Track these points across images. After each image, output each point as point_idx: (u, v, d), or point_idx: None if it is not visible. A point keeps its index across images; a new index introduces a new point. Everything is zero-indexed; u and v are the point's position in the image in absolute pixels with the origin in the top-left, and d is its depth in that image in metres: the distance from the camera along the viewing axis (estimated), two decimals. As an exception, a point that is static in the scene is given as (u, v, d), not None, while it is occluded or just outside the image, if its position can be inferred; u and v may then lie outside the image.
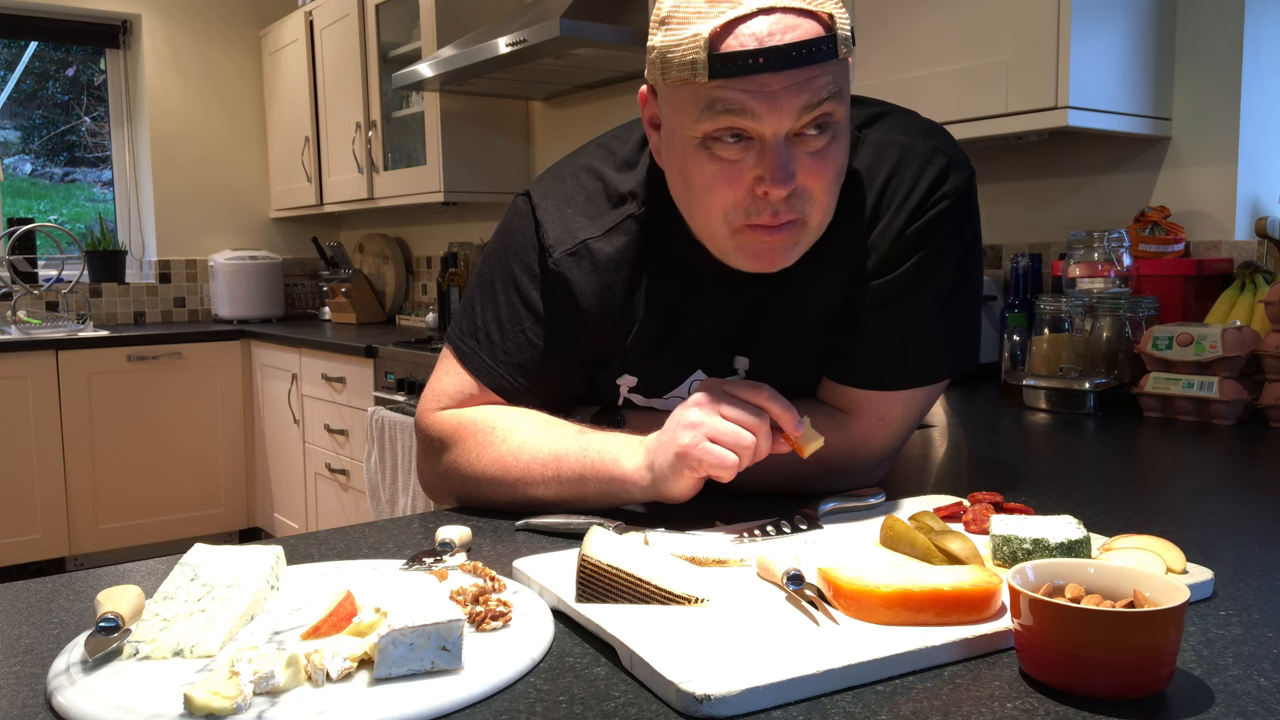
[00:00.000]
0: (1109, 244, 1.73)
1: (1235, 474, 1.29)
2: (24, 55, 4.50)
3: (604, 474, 0.97)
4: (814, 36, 0.88)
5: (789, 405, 0.91)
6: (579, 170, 1.10)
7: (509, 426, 1.04)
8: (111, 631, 0.68)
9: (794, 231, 0.94)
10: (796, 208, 0.93)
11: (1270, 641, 0.68)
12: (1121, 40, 1.83)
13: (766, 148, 0.90)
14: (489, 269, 1.11)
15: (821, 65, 0.88)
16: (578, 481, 0.98)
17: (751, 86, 0.88)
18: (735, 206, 0.93)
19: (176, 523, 3.98)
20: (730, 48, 0.87)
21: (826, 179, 0.93)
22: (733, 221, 0.94)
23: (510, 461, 1.02)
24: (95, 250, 4.35)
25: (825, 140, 0.91)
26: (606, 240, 1.06)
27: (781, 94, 0.88)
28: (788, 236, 0.94)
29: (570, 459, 0.99)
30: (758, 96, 0.88)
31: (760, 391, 0.92)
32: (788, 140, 0.90)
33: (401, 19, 3.72)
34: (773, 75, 0.87)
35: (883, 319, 1.02)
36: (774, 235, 0.94)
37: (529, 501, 1.02)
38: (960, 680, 0.63)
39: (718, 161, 0.92)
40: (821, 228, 0.97)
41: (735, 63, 0.87)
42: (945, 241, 1.01)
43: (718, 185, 0.93)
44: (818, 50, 0.87)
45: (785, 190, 0.90)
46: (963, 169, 1.02)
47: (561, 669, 0.66)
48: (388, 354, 3.10)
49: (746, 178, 0.91)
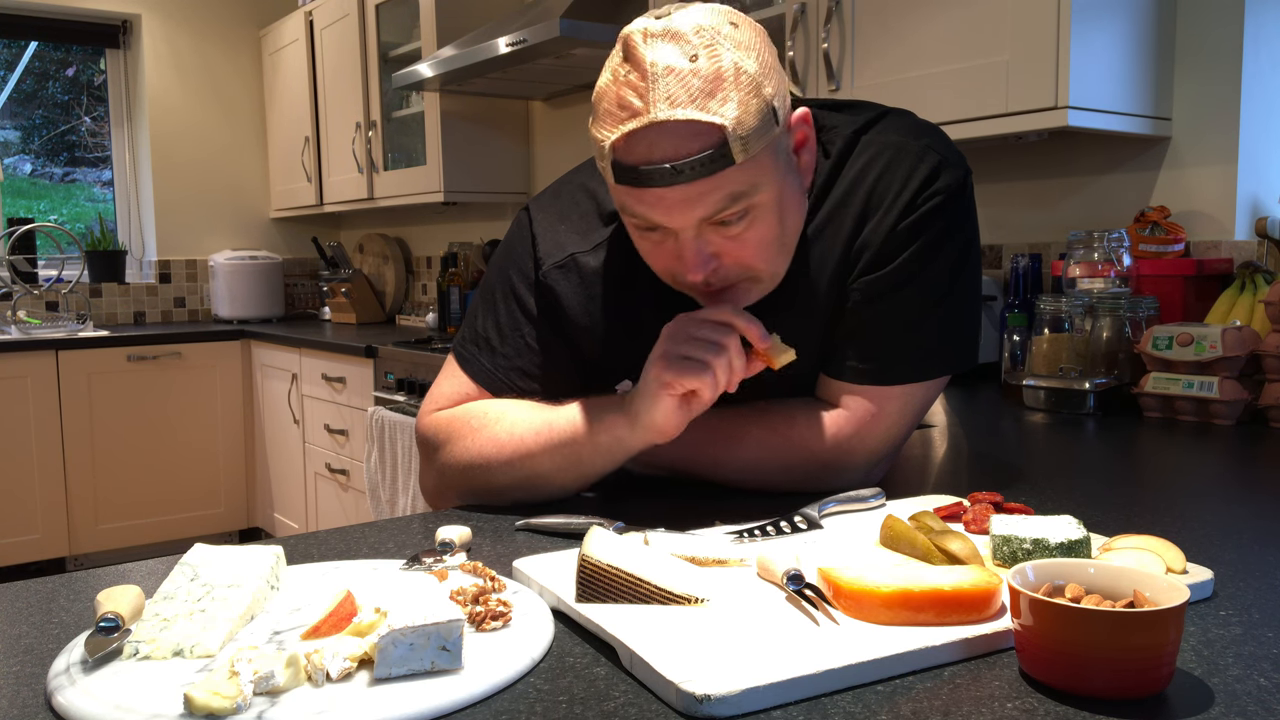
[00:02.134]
0: (1109, 244, 1.73)
1: (1235, 474, 1.29)
2: (24, 55, 4.50)
3: (592, 427, 0.99)
4: (704, 152, 0.88)
5: (753, 318, 0.94)
6: (575, 189, 1.14)
7: (500, 410, 1.07)
8: (111, 631, 0.68)
9: (743, 287, 0.99)
10: (730, 275, 0.97)
11: (1270, 641, 0.68)
12: (1121, 40, 1.83)
13: (679, 239, 0.94)
14: (491, 279, 1.16)
15: (716, 177, 0.89)
16: (570, 444, 1.00)
17: (649, 198, 0.91)
18: (670, 275, 0.99)
19: (176, 523, 3.98)
20: (626, 161, 0.90)
21: (754, 250, 0.96)
22: (678, 282, 1.00)
23: (504, 439, 1.03)
24: (95, 250, 4.35)
25: (744, 226, 0.94)
26: (594, 255, 1.09)
27: (676, 206, 0.91)
28: (735, 292, 0.99)
29: (560, 421, 1.01)
30: (654, 208, 0.92)
31: (722, 309, 0.94)
32: (699, 231, 0.93)
33: (401, 19, 3.72)
34: (666, 189, 0.90)
35: (876, 314, 1.03)
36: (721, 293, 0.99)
37: (527, 477, 1.03)
38: (960, 680, 0.63)
39: (645, 240, 0.98)
40: (776, 278, 1.01)
41: (630, 176, 0.91)
42: (937, 237, 1.02)
43: (649, 257, 1.00)
44: (708, 165, 0.88)
45: (701, 275, 0.95)
46: (956, 167, 1.03)
47: (561, 669, 0.66)
48: (388, 354, 3.10)
49: (669, 255, 0.97)
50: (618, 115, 0.90)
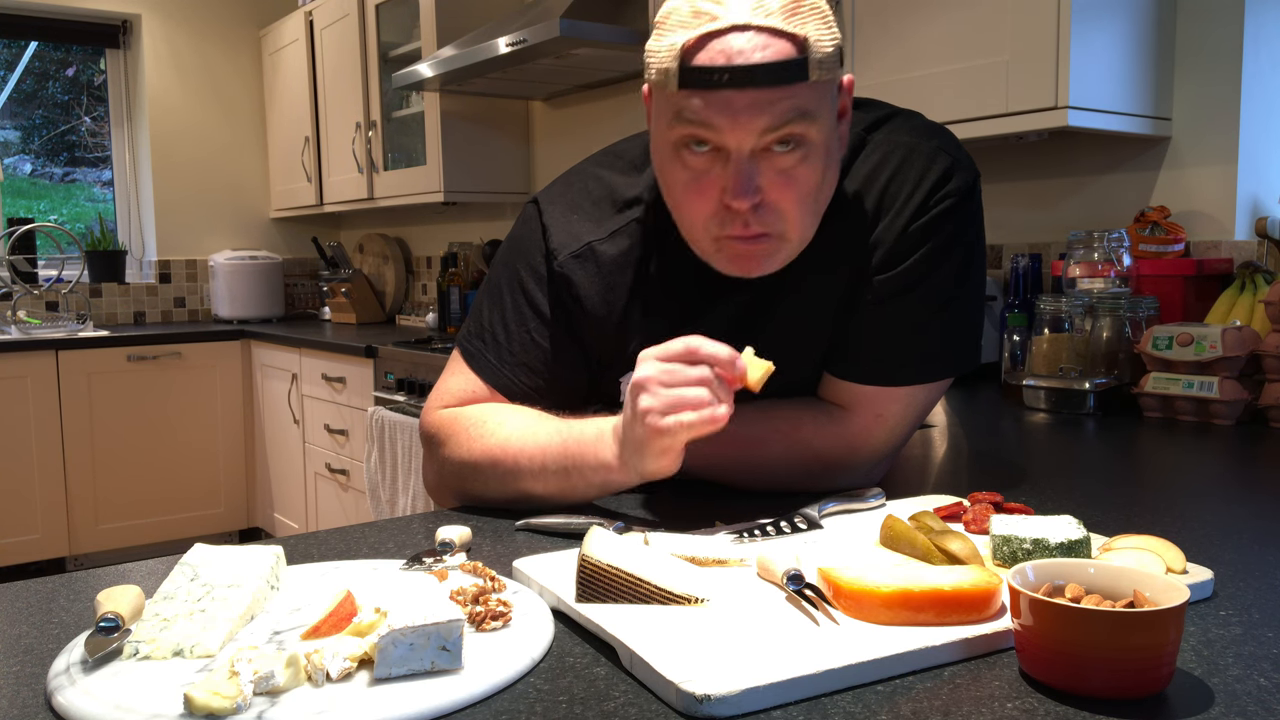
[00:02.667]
0: (1109, 244, 1.73)
1: (1235, 474, 1.29)
2: (24, 55, 4.50)
3: (585, 464, 0.97)
4: (783, 58, 0.88)
5: (719, 346, 0.89)
6: (585, 177, 1.12)
7: (500, 420, 1.05)
8: (111, 631, 0.68)
9: (770, 243, 0.96)
10: (767, 222, 0.94)
11: (1270, 641, 0.68)
12: (1121, 40, 1.83)
13: (731, 160, 0.92)
14: (496, 274, 1.14)
15: (788, 88, 0.89)
16: (563, 474, 0.99)
17: (715, 101, 0.89)
18: (710, 218, 0.95)
19: (176, 523, 3.98)
20: (699, 61, 0.89)
21: (797, 195, 0.94)
22: (710, 231, 0.96)
23: (499, 454, 1.02)
24: (95, 250, 4.35)
25: (795, 159, 0.92)
26: (611, 243, 1.07)
27: (743, 112, 0.89)
28: (764, 247, 0.96)
29: (553, 452, 0.99)
30: (721, 112, 0.89)
31: (689, 347, 0.89)
32: (753, 155, 0.91)
33: (401, 19, 3.72)
34: (736, 92, 0.88)
35: (883, 315, 1.03)
36: (750, 245, 0.95)
37: (521, 494, 1.02)
38: (960, 680, 0.63)
39: (688, 170, 0.94)
40: (803, 242, 0.98)
41: (701, 77, 0.89)
42: (948, 240, 1.02)
43: (690, 194, 0.95)
44: (784, 72, 0.88)
45: (747, 203, 0.92)
46: (967, 170, 1.03)
47: (561, 669, 0.66)
48: (388, 354, 3.10)
49: (714, 189, 0.94)
50: (691, 23, 0.90)
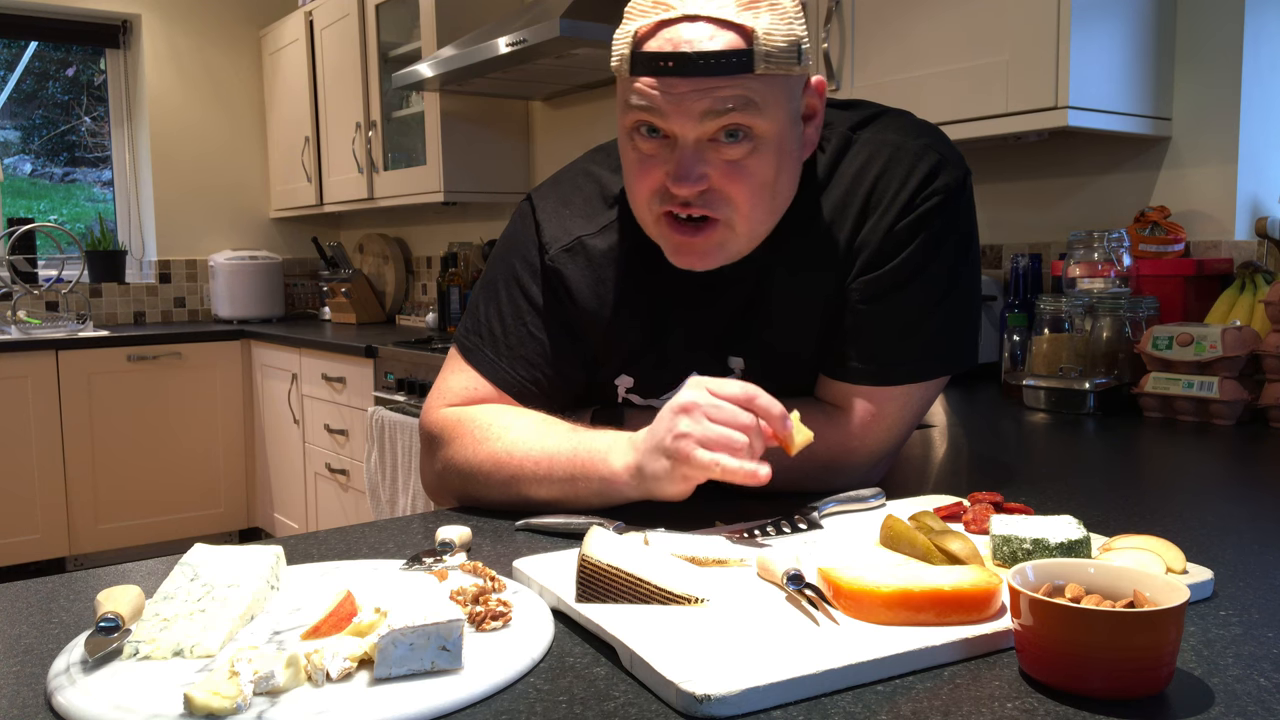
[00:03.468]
0: (1109, 244, 1.73)
1: (1235, 474, 1.29)
2: (24, 55, 4.50)
3: (594, 474, 0.97)
4: (728, 49, 0.91)
5: (774, 402, 0.90)
6: (577, 174, 1.14)
7: (505, 424, 1.04)
8: (111, 631, 0.68)
9: (716, 232, 0.98)
10: (711, 205, 0.96)
11: (1270, 641, 0.68)
12: (1121, 40, 1.83)
13: (677, 147, 0.95)
14: (493, 270, 1.15)
15: (733, 78, 0.91)
16: (569, 481, 0.98)
17: (661, 86, 0.93)
18: (652, 196, 0.98)
19: (176, 523, 3.98)
20: (649, 48, 0.93)
21: (748, 187, 0.96)
22: (654, 209, 0.99)
23: (504, 458, 1.02)
24: (95, 250, 4.35)
25: (743, 150, 0.94)
26: (600, 237, 1.09)
27: (686, 98, 0.92)
28: (708, 237, 0.98)
29: (561, 459, 0.99)
30: (665, 96, 0.93)
31: (748, 393, 0.90)
32: (699, 144, 0.94)
33: (401, 19, 3.72)
34: (680, 79, 0.92)
35: (875, 314, 1.03)
36: (693, 236, 0.98)
37: (523, 499, 1.02)
38: (960, 680, 0.63)
39: (638, 152, 0.98)
40: (753, 238, 1.00)
41: (648, 62, 0.93)
42: (937, 237, 1.02)
43: (637, 174, 0.99)
44: (727, 62, 0.91)
45: (687, 189, 0.94)
46: (955, 167, 1.03)
47: (561, 669, 0.66)
48: (388, 354, 3.10)
49: (659, 171, 0.97)
50: (650, 12, 0.93)
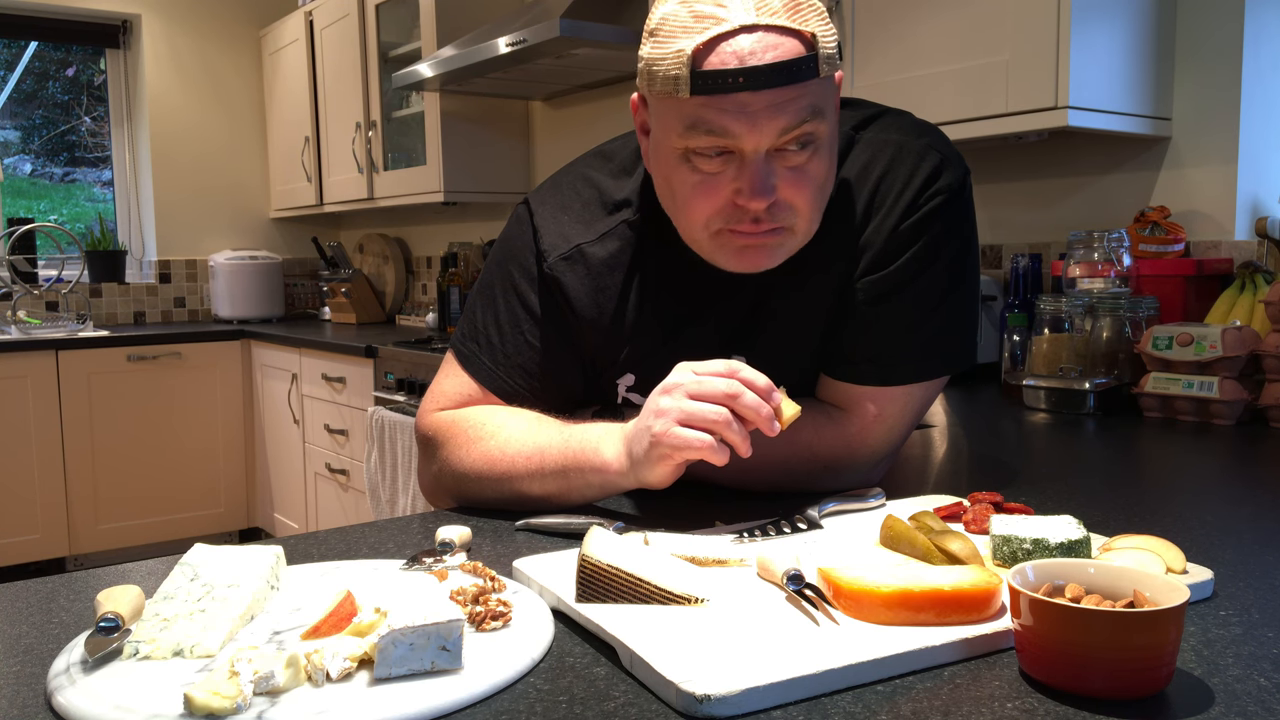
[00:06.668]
0: (1109, 244, 1.73)
1: (1235, 474, 1.29)
2: (24, 55, 4.50)
3: (585, 464, 0.97)
4: (795, 56, 0.88)
5: (759, 374, 0.89)
6: (575, 179, 1.13)
7: (498, 424, 1.05)
8: (111, 631, 0.68)
9: (780, 235, 0.96)
10: (779, 218, 0.94)
11: (1270, 641, 0.68)
12: (1121, 40, 1.83)
13: (746, 162, 0.91)
14: (490, 275, 1.14)
15: (802, 85, 0.89)
16: (561, 474, 0.98)
17: (731, 106, 0.89)
18: (715, 215, 0.95)
19: (176, 523, 3.98)
20: (711, 65, 0.88)
21: (808, 192, 0.94)
22: (712, 226, 0.96)
23: (497, 456, 1.02)
24: (95, 250, 4.35)
25: (806, 156, 0.93)
26: (600, 245, 1.08)
27: (761, 114, 0.89)
28: (773, 239, 0.96)
29: (553, 451, 0.99)
30: (738, 116, 0.89)
31: (731, 366, 0.90)
32: (767, 156, 0.91)
33: (401, 19, 3.72)
34: (752, 95, 0.88)
35: (878, 314, 1.03)
36: (758, 237, 0.95)
37: (518, 497, 1.02)
38: (960, 680, 0.63)
39: (699, 174, 0.94)
40: (808, 235, 0.99)
41: (716, 81, 0.88)
42: (939, 237, 1.02)
43: (698, 196, 0.94)
44: (798, 70, 0.88)
45: (763, 203, 0.92)
46: (957, 167, 1.03)
47: (561, 669, 0.66)
48: (388, 354, 3.10)
49: (726, 190, 0.93)
50: (694, 27, 0.89)
